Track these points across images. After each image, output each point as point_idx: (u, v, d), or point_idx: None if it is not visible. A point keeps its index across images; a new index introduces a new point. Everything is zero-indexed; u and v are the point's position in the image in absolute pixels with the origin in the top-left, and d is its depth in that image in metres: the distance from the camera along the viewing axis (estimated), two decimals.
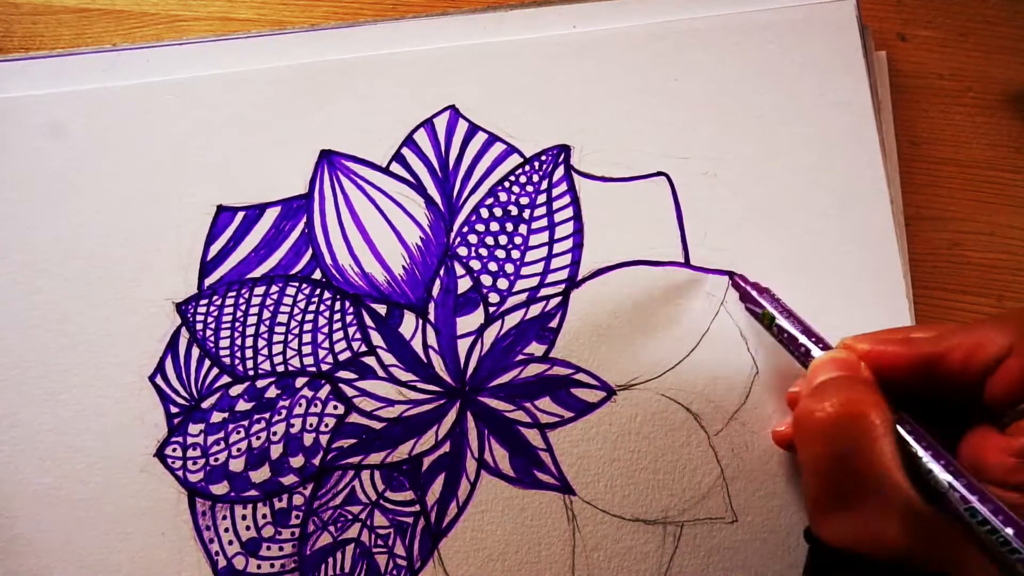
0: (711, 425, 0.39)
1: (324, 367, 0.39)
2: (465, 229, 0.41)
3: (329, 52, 0.42)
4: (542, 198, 0.41)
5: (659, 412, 0.39)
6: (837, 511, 0.29)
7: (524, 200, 0.41)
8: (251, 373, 0.39)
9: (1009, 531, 0.26)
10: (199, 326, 0.39)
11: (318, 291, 0.40)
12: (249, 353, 0.39)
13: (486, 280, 0.40)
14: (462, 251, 0.40)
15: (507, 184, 0.41)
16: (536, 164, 0.41)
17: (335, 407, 0.39)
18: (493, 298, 0.40)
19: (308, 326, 0.40)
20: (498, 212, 0.41)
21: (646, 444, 0.38)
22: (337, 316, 0.40)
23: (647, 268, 0.40)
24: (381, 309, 0.40)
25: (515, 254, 0.40)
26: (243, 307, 0.40)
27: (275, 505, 0.38)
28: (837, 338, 0.34)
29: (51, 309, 0.40)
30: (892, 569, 0.27)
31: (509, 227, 0.41)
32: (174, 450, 0.38)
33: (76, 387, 0.39)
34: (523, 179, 0.41)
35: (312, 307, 0.40)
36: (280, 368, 0.39)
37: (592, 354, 0.39)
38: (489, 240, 0.40)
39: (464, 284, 0.40)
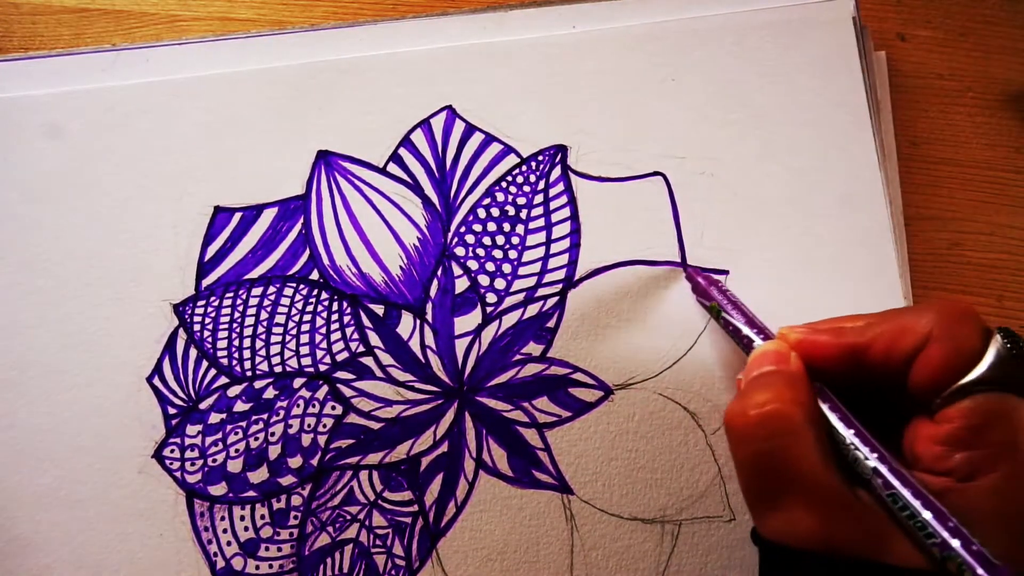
0: (708, 424, 0.39)
1: (322, 368, 0.39)
2: (462, 229, 0.41)
3: (329, 52, 0.42)
4: (539, 198, 0.41)
5: (656, 411, 0.39)
6: (770, 509, 0.29)
7: (521, 200, 0.41)
8: (249, 374, 0.39)
9: (927, 515, 0.26)
10: (196, 327, 0.39)
11: (316, 292, 0.40)
12: (247, 354, 0.39)
13: (483, 280, 0.40)
14: (459, 251, 0.40)
15: (504, 184, 0.41)
16: (533, 164, 0.41)
17: (333, 407, 0.39)
18: (490, 298, 0.40)
19: (306, 327, 0.40)
20: (495, 212, 0.41)
21: (644, 443, 0.38)
22: (335, 317, 0.40)
23: (644, 268, 0.40)
24: (379, 309, 0.40)
25: (512, 254, 0.40)
26: (241, 308, 0.40)
27: (273, 506, 0.38)
28: None
29: (51, 309, 0.40)
30: (826, 562, 0.27)
31: (506, 227, 0.41)
32: (172, 451, 0.39)
33: (75, 387, 0.39)
34: (520, 179, 0.41)
35: (310, 308, 0.40)
36: (278, 369, 0.39)
37: (589, 354, 0.39)
38: (486, 240, 0.40)
39: (461, 284, 0.40)
